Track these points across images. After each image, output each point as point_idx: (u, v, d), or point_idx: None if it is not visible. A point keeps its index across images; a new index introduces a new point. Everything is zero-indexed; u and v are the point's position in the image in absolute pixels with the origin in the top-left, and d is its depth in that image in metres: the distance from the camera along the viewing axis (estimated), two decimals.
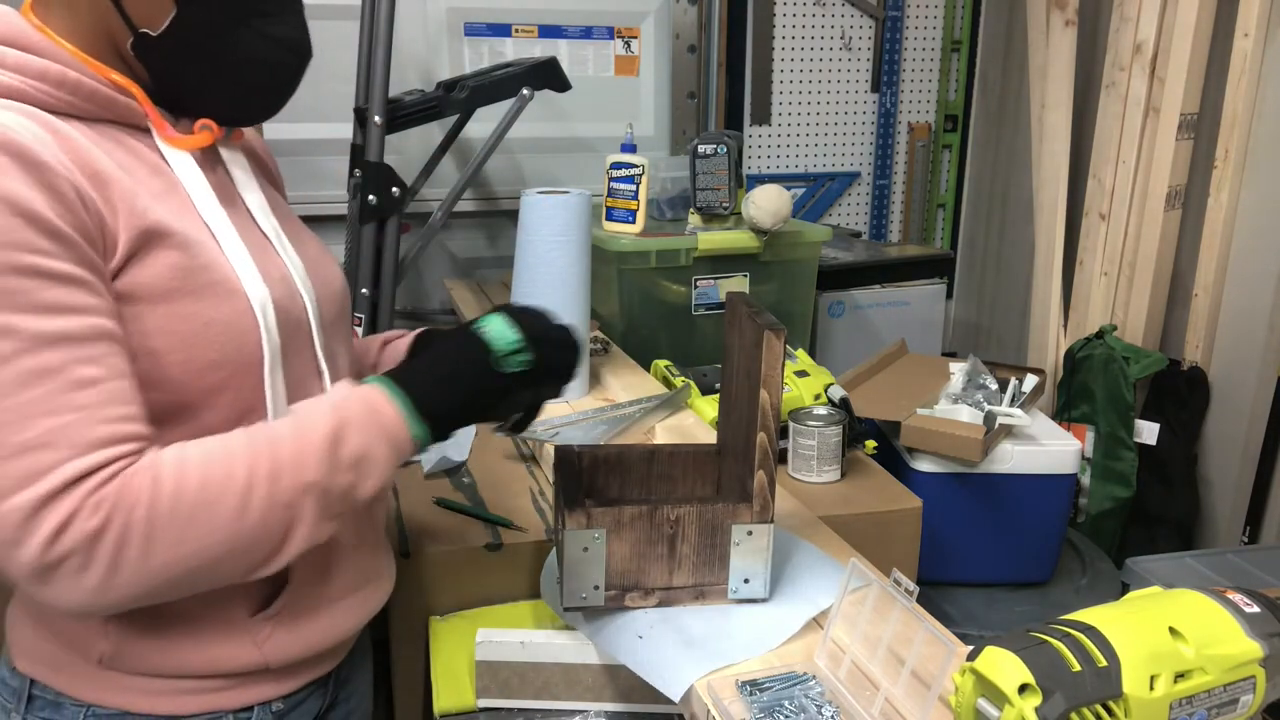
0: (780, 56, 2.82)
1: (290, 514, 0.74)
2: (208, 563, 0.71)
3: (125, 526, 0.67)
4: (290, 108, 0.90)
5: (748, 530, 0.93)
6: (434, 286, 2.65)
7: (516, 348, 0.84)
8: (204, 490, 0.70)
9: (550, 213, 1.46)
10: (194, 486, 0.70)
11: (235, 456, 0.72)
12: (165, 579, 0.70)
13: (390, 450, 0.78)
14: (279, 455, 0.73)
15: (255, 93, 0.85)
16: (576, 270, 1.49)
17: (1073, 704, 0.67)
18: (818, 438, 1.41)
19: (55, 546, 0.66)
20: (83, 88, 0.76)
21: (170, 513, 0.69)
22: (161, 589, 0.71)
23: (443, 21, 2.48)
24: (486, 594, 1.21)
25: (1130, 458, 2.28)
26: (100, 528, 0.67)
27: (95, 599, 0.69)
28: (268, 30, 0.82)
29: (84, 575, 0.67)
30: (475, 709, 1.04)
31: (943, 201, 3.09)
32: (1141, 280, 2.35)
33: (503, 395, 0.86)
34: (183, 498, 0.69)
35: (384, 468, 0.78)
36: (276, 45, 0.83)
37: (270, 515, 0.73)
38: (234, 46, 0.80)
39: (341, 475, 0.75)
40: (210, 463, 0.71)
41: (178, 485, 0.70)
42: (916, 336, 2.20)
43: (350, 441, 0.76)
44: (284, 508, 0.73)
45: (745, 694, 0.82)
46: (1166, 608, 0.75)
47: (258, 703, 0.87)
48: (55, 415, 0.67)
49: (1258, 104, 2.13)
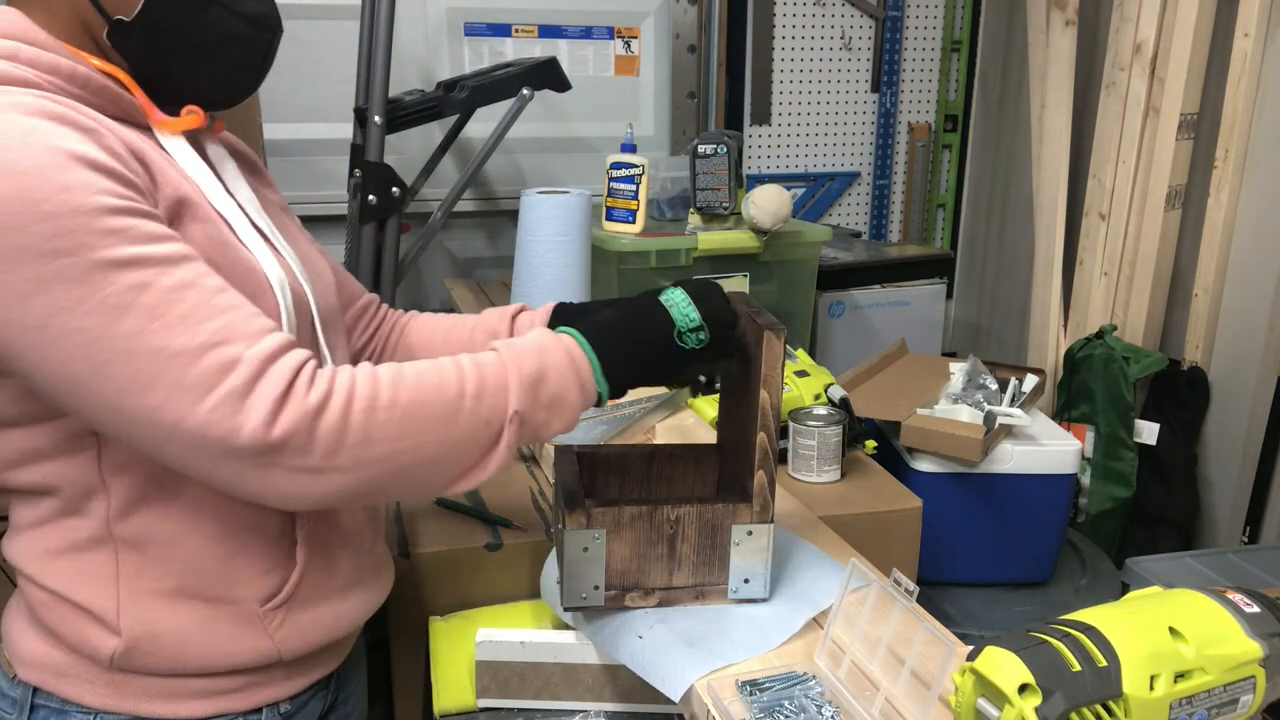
0: (780, 56, 2.82)
1: (491, 433, 0.78)
2: (420, 463, 0.75)
3: (345, 409, 0.71)
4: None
5: (748, 530, 0.93)
6: (434, 286, 2.65)
7: (696, 325, 0.87)
8: (420, 390, 0.75)
9: (550, 213, 1.47)
10: (411, 385, 0.75)
11: (446, 371, 0.77)
12: (380, 472, 0.73)
13: (580, 399, 0.84)
14: (485, 379, 0.78)
15: (234, 70, 0.86)
16: (576, 270, 1.49)
17: (1073, 704, 0.67)
18: (818, 438, 1.41)
19: (277, 423, 0.68)
20: (92, 82, 0.77)
21: (390, 403, 0.73)
22: (374, 485, 0.73)
23: (443, 21, 2.48)
24: (486, 594, 1.22)
25: (1130, 458, 2.28)
26: (321, 404, 0.70)
27: (312, 484, 0.71)
28: (237, 8, 0.84)
29: (307, 455, 0.69)
30: (475, 709, 1.04)
31: (943, 201, 3.09)
32: (1141, 280, 2.35)
33: (678, 367, 0.89)
34: (401, 393, 0.73)
35: (572, 413, 0.84)
36: (247, 22, 0.85)
37: (475, 430, 0.77)
38: (207, 25, 0.82)
39: (539, 412, 0.81)
40: (423, 372, 0.77)
41: (395, 382, 0.74)
42: (916, 336, 2.20)
43: (551, 383, 0.81)
44: (486, 425, 0.78)
45: (745, 694, 0.82)
46: (1166, 608, 0.75)
47: (266, 704, 0.87)
48: (213, 318, 0.69)
49: (1258, 104, 2.13)
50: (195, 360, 0.67)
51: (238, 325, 0.70)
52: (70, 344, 0.67)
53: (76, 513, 0.79)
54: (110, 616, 0.80)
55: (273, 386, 0.68)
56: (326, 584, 0.89)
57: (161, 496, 0.80)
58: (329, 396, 0.70)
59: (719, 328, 0.88)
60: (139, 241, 0.69)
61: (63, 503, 0.79)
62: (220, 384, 0.67)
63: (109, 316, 0.67)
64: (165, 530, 0.80)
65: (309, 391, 0.70)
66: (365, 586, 0.95)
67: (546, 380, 0.81)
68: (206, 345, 0.68)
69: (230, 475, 0.69)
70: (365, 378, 0.73)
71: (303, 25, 2.29)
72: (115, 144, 0.73)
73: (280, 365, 0.70)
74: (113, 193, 0.69)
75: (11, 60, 0.73)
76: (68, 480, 0.78)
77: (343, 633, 0.92)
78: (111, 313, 0.67)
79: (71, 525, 0.80)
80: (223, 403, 0.67)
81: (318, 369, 0.72)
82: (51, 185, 0.66)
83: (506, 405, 0.78)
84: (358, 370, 0.74)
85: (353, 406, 0.71)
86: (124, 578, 0.80)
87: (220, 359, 0.68)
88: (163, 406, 0.67)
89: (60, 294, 0.66)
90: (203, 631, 0.82)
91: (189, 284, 0.70)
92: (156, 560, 0.80)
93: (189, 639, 0.82)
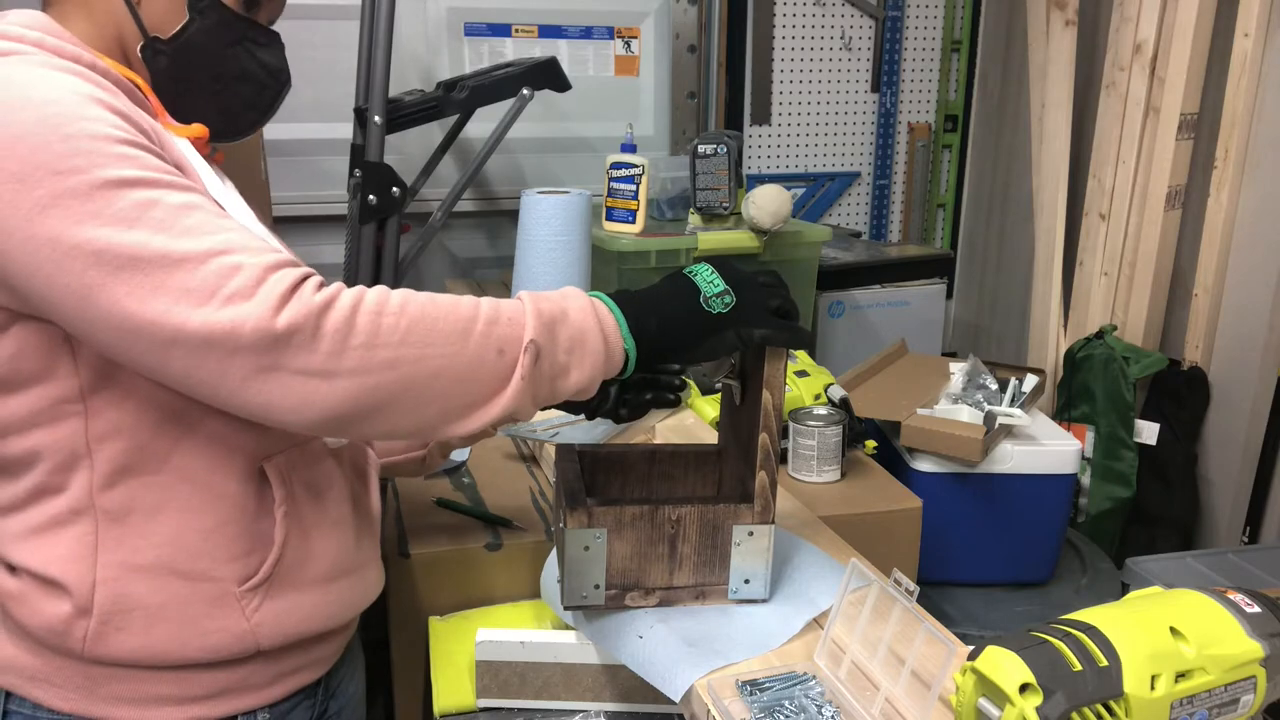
0: (780, 56, 2.82)
1: (505, 362, 0.76)
2: (427, 377, 0.74)
3: (352, 308, 0.71)
4: (290, 108, 0.98)
5: (748, 530, 0.93)
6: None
7: (721, 290, 0.87)
8: (432, 305, 0.75)
9: (550, 213, 1.47)
10: (422, 300, 0.75)
11: (461, 298, 0.77)
12: (386, 381, 0.72)
13: (603, 350, 0.81)
14: (501, 308, 0.78)
15: (242, 107, 0.95)
16: (576, 270, 1.49)
17: (1074, 704, 0.67)
18: (818, 438, 1.41)
19: (282, 315, 0.68)
20: (110, 75, 0.82)
21: (399, 310, 0.73)
22: (380, 397, 0.73)
23: (443, 21, 2.48)
24: (486, 594, 1.22)
25: (1130, 458, 2.28)
26: (327, 302, 0.71)
27: (318, 390, 0.71)
28: (258, 55, 0.94)
29: (312, 351, 0.69)
30: (475, 709, 1.04)
31: (943, 201, 3.09)
32: (1141, 280, 2.35)
33: (709, 332, 0.86)
34: (410, 304, 0.74)
35: (595, 362, 0.81)
36: (263, 69, 0.95)
37: (486, 352, 0.76)
38: (231, 61, 0.91)
39: (559, 353, 0.79)
40: (437, 296, 0.76)
41: (407, 295, 0.75)
42: (916, 336, 2.20)
43: (571, 323, 0.80)
44: (499, 352, 0.76)
45: (745, 694, 0.82)
46: (1167, 608, 0.75)
47: (242, 712, 0.86)
48: (219, 233, 0.71)
49: (1258, 104, 2.13)
50: (201, 264, 0.69)
51: (243, 240, 0.72)
52: (81, 254, 0.69)
53: (59, 487, 0.80)
54: (84, 591, 0.79)
55: (278, 284, 0.70)
56: (306, 570, 0.88)
57: (146, 465, 0.80)
58: (335, 297, 0.71)
59: (750, 291, 0.88)
60: (149, 168, 0.73)
61: (45, 476, 0.80)
62: (225, 285, 0.69)
63: (119, 227, 0.69)
64: (147, 501, 0.80)
65: (315, 292, 0.71)
66: (349, 584, 0.93)
67: (567, 319, 0.80)
68: (212, 252, 0.70)
69: (236, 382, 0.70)
70: (375, 289, 0.74)
71: (303, 25, 2.29)
72: (129, 108, 0.78)
73: (285, 272, 0.71)
74: (127, 131, 0.74)
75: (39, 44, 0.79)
76: (54, 448, 0.79)
77: (322, 626, 0.90)
78: (121, 224, 0.70)
79: (52, 500, 0.80)
80: (228, 302, 0.68)
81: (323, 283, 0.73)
82: (71, 115, 0.72)
83: (522, 335, 0.77)
84: (373, 289, 0.75)
85: (360, 308, 0.72)
86: (102, 549, 0.80)
87: (226, 263, 0.70)
88: (169, 310, 0.69)
89: (75, 206, 0.69)
90: (178, 609, 0.82)
91: (195, 205, 0.73)
92: (136, 533, 0.80)
93: (163, 615, 0.81)
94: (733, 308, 0.86)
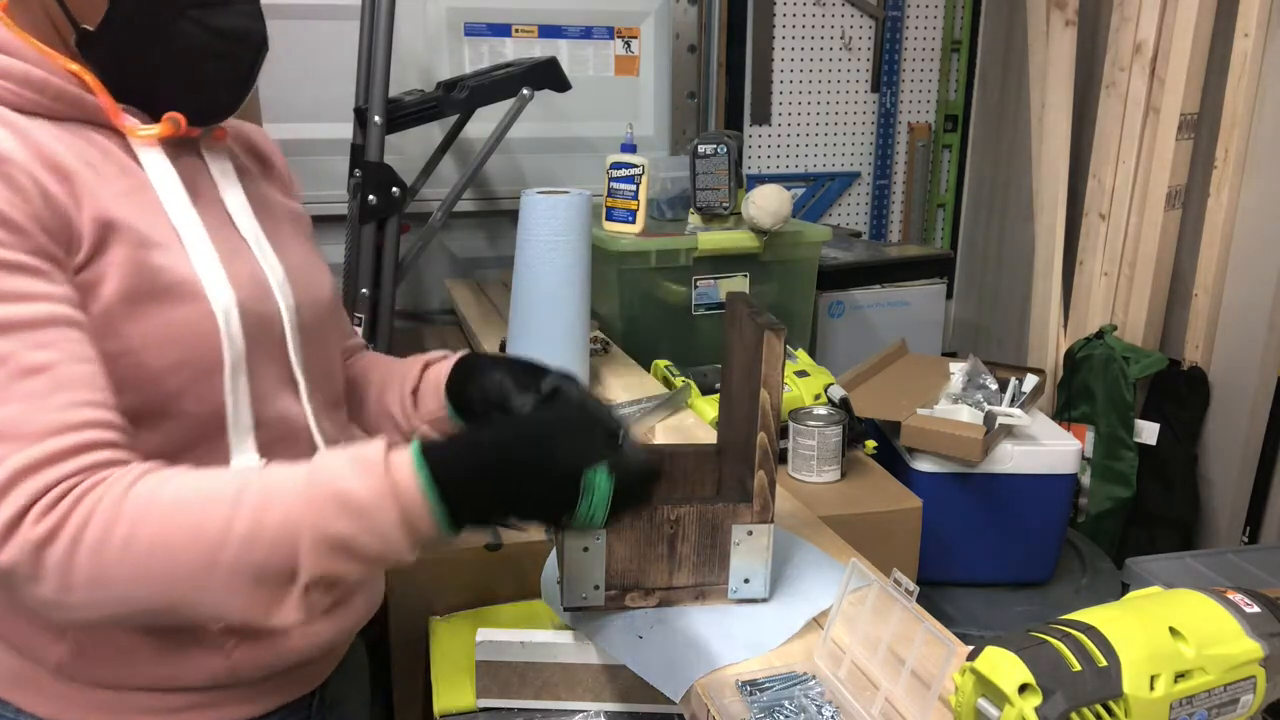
0: (780, 56, 2.82)
1: (261, 594, 0.66)
2: (166, 606, 0.66)
3: (71, 548, 0.63)
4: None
5: (748, 530, 0.93)
6: (434, 286, 2.65)
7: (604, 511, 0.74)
8: (171, 528, 0.65)
9: (550, 213, 1.46)
10: (157, 520, 0.64)
11: (215, 501, 0.66)
12: (124, 612, 0.66)
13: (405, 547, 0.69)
14: (265, 520, 0.66)
15: (211, 86, 0.83)
16: (576, 270, 1.49)
17: (1073, 704, 0.67)
18: (818, 438, 1.41)
19: (4, 549, 0.62)
20: (49, 86, 0.75)
21: (124, 543, 0.63)
22: (134, 617, 0.68)
23: (443, 21, 2.48)
24: (486, 594, 1.21)
25: (1130, 458, 2.28)
26: (46, 537, 0.62)
27: (59, 612, 0.66)
28: (209, 21, 0.80)
29: (38, 586, 0.63)
30: (475, 709, 1.04)
31: (943, 201, 3.09)
32: (1141, 280, 2.35)
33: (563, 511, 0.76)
34: (138, 533, 0.64)
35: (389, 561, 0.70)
36: (219, 37, 0.81)
37: (238, 583, 0.66)
38: (173, 39, 0.79)
39: (340, 522, 0.67)
40: (184, 503, 0.66)
41: (143, 514, 0.64)
42: (916, 336, 2.20)
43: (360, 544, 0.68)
44: (254, 583, 0.66)
45: (745, 694, 0.82)
46: (1167, 608, 0.75)
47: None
48: (3, 404, 0.63)
49: (1258, 104, 2.13)
50: None
51: (23, 420, 0.63)
52: None
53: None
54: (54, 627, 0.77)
55: (5, 510, 0.62)
56: None
57: None
58: (58, 530, 0.62)
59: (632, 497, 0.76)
60: None
61: None
62: None
63: None
64: None
65: (40, 521, 0.62)
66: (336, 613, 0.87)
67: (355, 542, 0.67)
68: None
69: None
70: (107, 509, 0.64)
71: (303, 25, 2.29)
72: (20, 173, 0.68)
73: (31, 483, 0.62)
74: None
75: None
76: None
77: (310, 652, 0.86)
78: None
79: None
80: None
81: (76, 486, 0.64)
82: None
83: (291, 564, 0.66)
84: (107, 492, 0.64)
85: (80, 546, 0.63)
86: None
87: None
88: None
89: None
90: (153, 648, 0.79)
91: (2, 358, 0.64)
92: None
93: (137, 657, 0.78)
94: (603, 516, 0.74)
